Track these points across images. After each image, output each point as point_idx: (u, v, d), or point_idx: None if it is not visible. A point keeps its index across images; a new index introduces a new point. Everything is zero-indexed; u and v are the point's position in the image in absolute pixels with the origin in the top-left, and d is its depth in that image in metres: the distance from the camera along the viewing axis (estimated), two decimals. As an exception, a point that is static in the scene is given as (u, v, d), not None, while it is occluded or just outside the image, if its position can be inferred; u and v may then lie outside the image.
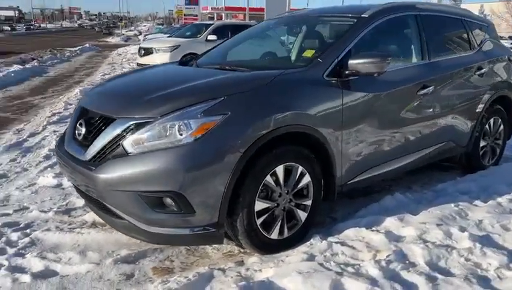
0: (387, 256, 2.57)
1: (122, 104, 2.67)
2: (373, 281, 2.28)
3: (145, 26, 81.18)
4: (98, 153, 2.53)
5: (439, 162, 4.46)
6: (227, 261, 2.74)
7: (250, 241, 2.63)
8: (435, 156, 3.84)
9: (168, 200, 2.39)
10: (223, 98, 2.50)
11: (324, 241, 2.75)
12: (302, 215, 2.87)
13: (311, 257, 2.57)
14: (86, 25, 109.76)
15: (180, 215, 2.41)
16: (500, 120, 4.44)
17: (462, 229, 2.89)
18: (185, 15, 45.83)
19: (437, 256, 2.59)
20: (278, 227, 2.74)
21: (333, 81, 2.93)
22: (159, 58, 11.37)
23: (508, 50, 4.64)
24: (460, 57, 3.95)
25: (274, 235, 2.73)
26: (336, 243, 2.75)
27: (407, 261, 2.53)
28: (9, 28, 68.79)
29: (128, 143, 2.43)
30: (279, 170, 2.67)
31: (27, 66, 16.10)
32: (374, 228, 2.95)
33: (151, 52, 12.27)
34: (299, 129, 2.71)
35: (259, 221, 2.64)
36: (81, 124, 2.76)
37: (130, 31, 65.51)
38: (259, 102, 2.58)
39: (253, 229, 2.61)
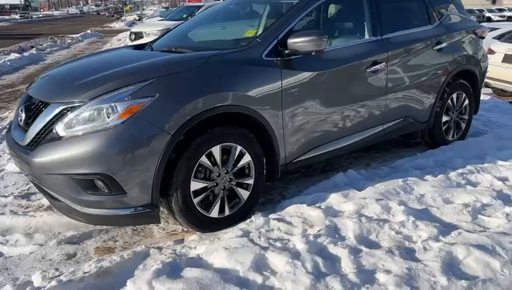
0: (318, 231, 2.63)
1: (56, 90, 2.73)
2: (295, 255, 2.35)
3: (151, 10, 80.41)
4: (34, 137, 2.60)
5: (405, 139, 4.50)
6: (168, 239, 2.83)
7: (188, 220, 2.71)
8: (391, 132, 3.86)
9: (99, 183, 2.46)
10: (152, 80, 2.54)
11: (263, 218, 2.81)
12: (244, 193, 2.93)
13: (245, 233, 2.64)
14: (92, 11, 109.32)
15: (112, 196, 2.48)
16: (464, 95, 4.42)
17: (401, 204, 2.94)
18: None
19: (368, 230, 2.64)
20: (217, 206, 2.81)
21: (273, 61, 2.95)
22: (149, 42, 11.37)
23: (474, 23, 4.58)
24: (417, 32, 3.92)
25: (214, 213, 2.80)
26: (275, 219, 2.82)
27: (336, 236, 2.59)
28: (18, 17, 68.41)
29: (60, 127, 2.50)
30: (216, 150, 2.72)
31: (25, 54, 16.24)
32: (316, 205, 3.01)
33: (142, 36, 12.27)
34: (234, 110, 2.75)
35: (196, 200, 2.70)
36: (22, 110, 2.84)
37: (137, 15, 65.14)
38: (190, 83, 2.62)
39: (190, 209, 2.68)
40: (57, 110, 2.54)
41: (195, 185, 2.67)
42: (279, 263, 2.30)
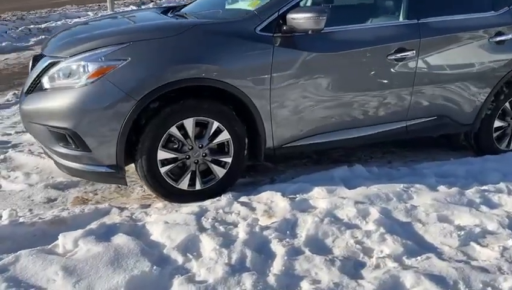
0: (272, 223, 2.49)
1: (51, 45, 2.90)
2: (228, 243, 2.25)
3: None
4: (29, 86, 2.81)
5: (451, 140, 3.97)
6: (137, 202, 2.90)
7: (153, 187, 2.75)
8: (418, 130, 3.42)
9: (67, 137, 2.59)
10: (127, 44, 2.56)
11: (229, 200, 2.74)
12: (220, 171, 2.86)
13: (200, 212, 2.60)
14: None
15: (79, 152, 2.60)
16: (530, 98, 3.71)
17: (383, 212, 2.62)
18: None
19: (325, 232, 2.42)
20: (187, 178, 2.79)
21: (267, 36, 2.76)
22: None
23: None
24: (470, 18, 3.33)
25: (183, 185, 2.80)
26: (240, 203, 2.73)
27: (287, 232, 2.42)
28: None
29: (45, 80, 2.66)
30: (188, 122, 2.68)
31: (142, 6, 17.52)
32: (292, 195, 2.83)
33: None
34: (210, 84, 2.66)
35: (163, 169, 2.72)
36: (31, 61, 3.07)
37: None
38: (165, 51, 2.58)
39: (156, 177, 2.71)
40: (46, 63, 2.70)
41: (162, 155, 2.68)
42: (208, 247, 2.24)
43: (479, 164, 3.50)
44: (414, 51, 3.10)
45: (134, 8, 17.02)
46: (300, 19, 2.67)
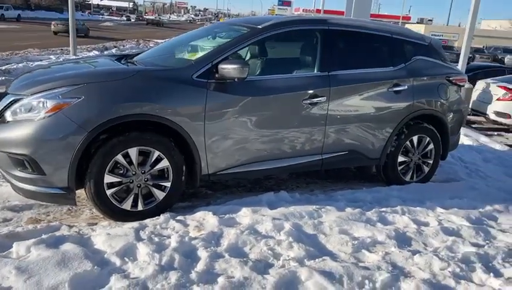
0: (201, 234, 2.96)
1: (15, 85, 3.36)
2: (160, 249, 2.71)
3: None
4: None
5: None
6: (85, 221, 3.30)
7: (99, 207, 3.17)
8: (332, 163, 4.05)
9: (25, 162, 3.01)
10: (82, 85, 3.06)
11: (167, 218, 3.20)
12: (160, 194, 3.33)
13: (140, 226, 3.04)
14: (189, 20, 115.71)
15: (34, 175, 3.01)
16: (428, 139, 4.45)
17: (295, 226, 3.16)
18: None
19: (244, 241, 2.92)
20: (130, 200, 3.24)
21: (202, 82, 3.35)
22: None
23: (450, 70, 4.60)
24: (372, 72, 4.08)
25: (126, 206, 3.24)
26: (176, 220, 3.19)
27: (212, 241, 2.90)
28: (125, 19, 73.60)
29: (8, 114, 3.10)
30: (132, 151, 3.16)
31: (105, 52, 18.08)
32: (223, 214, 3.32)
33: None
34: (153, 119, 3.18)
35: (109, 191, 3.16)
36: None
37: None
38: (113, 92, 3.10)
39: (102, 198, 3.14)
40: (9, 100, 3.14)
41: (109, 179, 3.13)
42: (142, 252, 2.68)
43: (385, 192, 4.16)
44: (325, 97, 3.78)
45: (96, 52, 17.61)
46: (228, 69, 3.29)
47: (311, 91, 3.73)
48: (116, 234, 2.87)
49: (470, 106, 9.78)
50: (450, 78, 4.53)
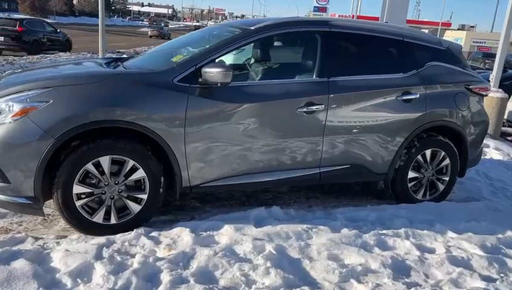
0: (169, 255, 2.69)
1: None
2: (118, 271, 2.46)
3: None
4: None
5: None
6: (55, 233, 3.09)
7: (67, 219, 2.95)
8: (332, 177, 3.69)
9: (-11, 169, 2.83)
10: (51, 88, 2.86)
11: (139, 234, 2.94)
12: (135, 207, 3.09)
13: (107, 243, 2.80)
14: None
15: (0, 184, 2.83)
16: (443, 153, 4.02)
17: (277, 249, 2.83)
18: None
19: (215, 265, 2.62)
20: (102, 212, 3.01)
21: (184, 87, 3.09)
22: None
23: (470, 78, 4.15)
24: (378, 79, 3.70)
25: (98, 219, 3.00)
26: (150, 237, 2.93)
27: (180, 263, 2.62)
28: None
29: None
30: (104, 160, 2.93)
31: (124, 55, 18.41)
32: (202, 232, 3.04)
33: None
34: (126, 126, 2.94)
35: (79, 203, 2.93)
36: None
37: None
38: (83, 96, 2.88)
39: (70, 209, 2.92)
40: None
41: (78, 189, 2.91)
42: (98, 274, 2.43)
43: (391, 211, 3.75)
44: (323, 105, 3.44)
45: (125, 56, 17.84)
46: (210, 73, 3.02)
47: (306, 98, 3.39)
48: (76, 250, 2.63)
49: (506, 117, 9.10)
50: (470, 87, 4.07)
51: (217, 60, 3.20)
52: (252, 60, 3.62)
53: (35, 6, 58.99)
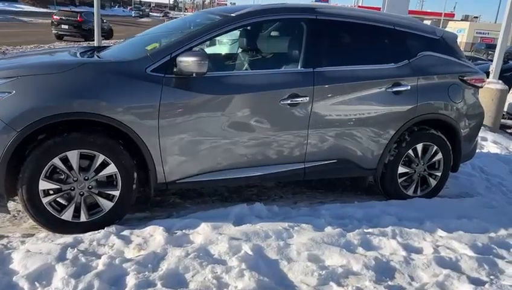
0: (138, 255, 2.54)
1: None
2: (81, 274, 2.31)
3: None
4: None
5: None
6: (23, 231, 2.94)
7: (33, 217, 2.79)
8: (318, 172, 3.52)
9: (-47, 164, 2.66)
10: (15, 78, 2.69)
11: (109, 232, 2.79)
12: (106, 204, 2.93)
13: (73, 242, 2.65)
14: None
15: (-38, 179, 2.67)
16: (435, 147, 3.84)
17: (254, 249, 2.68)
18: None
19: (186, 267, 2.47)
20: (71, 209, 2.85)
21: (157, 77, 2.91)
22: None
23: (465, 68, 3.94)
24: (366, 69, 3.51)
25: (66, 216, 2.85)
26: (120, 236, 2.77)
27: (149, 265, 2.46)
28: (162, 15, 75.07)
29: None
30: (72, 155, 2.77)
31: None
32: (178, 230, 2.89)
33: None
34: (97, 118, 2.77)
35: (46, 199, 2.78)
36: None
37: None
38: (49, 86, 2.71)
39: (36, 206, 2.76)
40: None
41: (44, 185, 2.75)
42: (58, 277, 2.27)
43: (380, 207, 3.58)
44: (308, 97, 3.26)
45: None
46: (185, 62, 2.84)
47: (290, 90, 3.21)
48: (38, 251, 2.48)
49: (505, 109, 8.90)
50: (465, 78, 3.88)
51: (194, 49, 3.01)
52: (233, 49, 3.43)
53: (35, -4, 58.69)
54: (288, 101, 3.21)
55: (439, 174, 3.94)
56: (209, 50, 3.42)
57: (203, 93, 2.99)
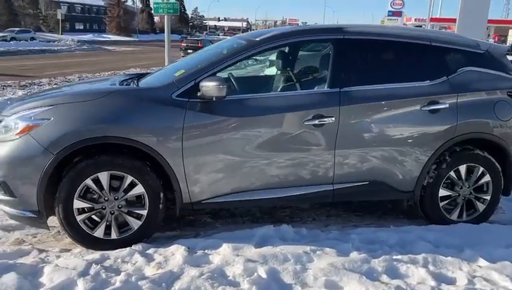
0: (155, 274, 2.64)
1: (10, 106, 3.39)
2: (98, 288, 2.43)
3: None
4: None
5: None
6: (62, 247, 3.18)
7: (69, 234, 3.02)
8: (348, 194, 3.42)
9: (1, 184, 2.98)
10: (53, 106, 2.97)
11: (135, 250, 2.93)
12: (135, 222, 3.08)
13: (100, 258, 2.81)
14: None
15: (8, 198, 2.97)
16: (482, 169, 3.56)
17: (270, 272, 2.66)
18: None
19: (197, 287, 2.51)
20: (103, 227, 3.04)
21: (182, 101, 3.05)
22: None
23: (509, 82, 3.64)
24: (398, 88, 3.38)
25: (98, 234, 3.04)
26: (144, 254, 2.90)
27: (163, 284, 2.54)
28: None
29: None
30: (103, 176, 2.97)
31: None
32: (200, 250, 2.96)
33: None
34: (123, 142, 2.95)
35: (80, 217, 2.99)
36: None
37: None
38: (80, 113, 2.94)
39: (71, 224, 2.99)
40: None
41: (78, 204, 2.97)
42: (79, 290, 2.43)
43: (417, 233, 3.38)
44: (333, 117, 3.21)
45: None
46: (207, 87, 2.95)
47: (315, 111, 3.19)
48: (65, 265, 2.67)
49: None
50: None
51: (218, 74, 3.12)
52: (258, 72, 3.49)
53: (120, 26, 64.05)
54: (313, 122, 3.18)
55: (487, 197, 3.64)
56: (236, 73, 3.49)
57: (224, 116, 3.07)
